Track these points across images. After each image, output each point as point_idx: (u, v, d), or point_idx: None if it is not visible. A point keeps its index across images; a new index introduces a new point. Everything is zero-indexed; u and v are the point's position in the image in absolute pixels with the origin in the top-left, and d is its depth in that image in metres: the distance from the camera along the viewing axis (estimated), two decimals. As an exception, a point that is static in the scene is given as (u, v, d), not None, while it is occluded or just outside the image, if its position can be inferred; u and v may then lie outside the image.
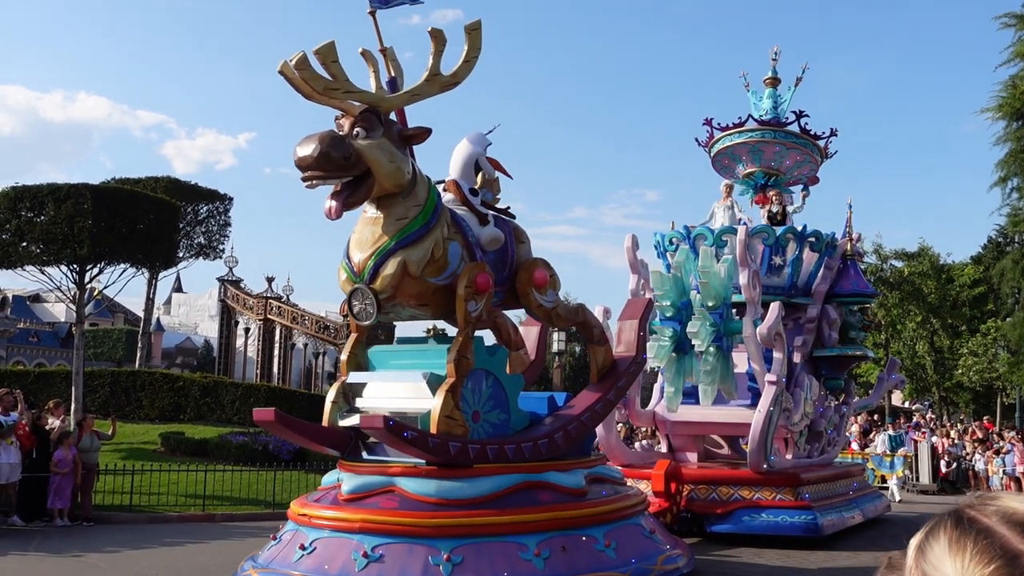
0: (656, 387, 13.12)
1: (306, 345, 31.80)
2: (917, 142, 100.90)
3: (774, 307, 11.63)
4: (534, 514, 7.64)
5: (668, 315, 11.96)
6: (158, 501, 14.73)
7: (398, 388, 8.12)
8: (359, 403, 8.30)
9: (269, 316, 30.49)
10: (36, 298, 56.73)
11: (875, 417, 31.87)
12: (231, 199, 33.10)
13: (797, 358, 13.50)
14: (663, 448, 14.02)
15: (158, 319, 44.92)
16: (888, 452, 19.82)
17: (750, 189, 15.00)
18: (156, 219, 21.62)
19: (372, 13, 8.79)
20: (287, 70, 7.47)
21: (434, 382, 7.73)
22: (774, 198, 14.35)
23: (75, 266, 20.30)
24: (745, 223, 13.38)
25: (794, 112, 14.65)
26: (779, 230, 13.41)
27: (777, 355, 11.80)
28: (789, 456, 12.84)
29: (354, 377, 8.33)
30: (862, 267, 40.81)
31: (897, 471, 19.14)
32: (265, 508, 14.43)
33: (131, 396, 24.32)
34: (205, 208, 32.68)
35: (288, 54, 7.47)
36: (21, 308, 57.43)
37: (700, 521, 11.68)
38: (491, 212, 8.90)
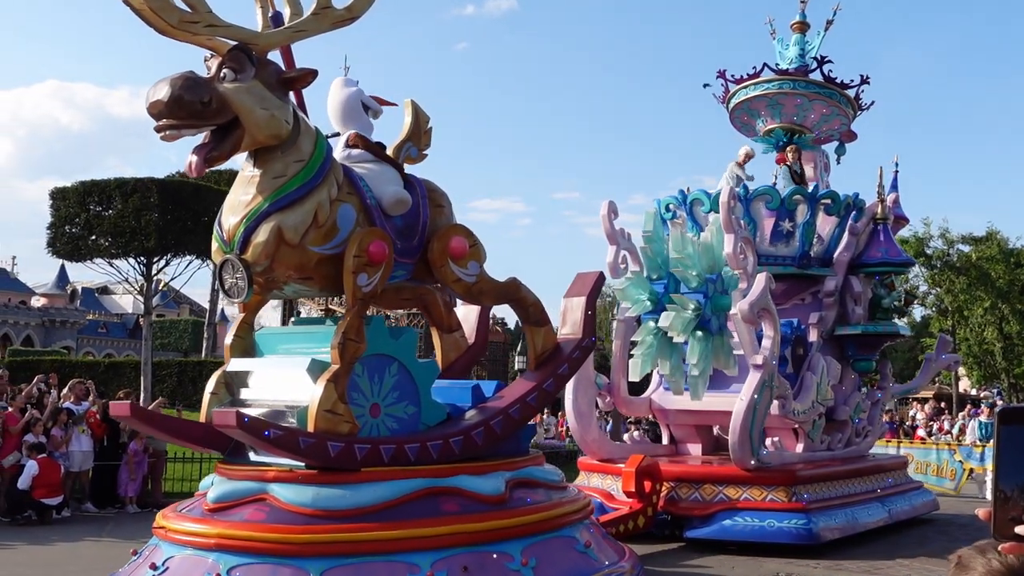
0: (655, 371, 11.69)
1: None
2: (985, 124, 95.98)
3: (760, 279, 10.10)
4: (433, 527, 6.40)
5: (693, 285, 10.57)
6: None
7: (281, 377, 6.94)
8: (245, 394, 7.16)
9: (330, 306, 30.02)
10: (104, 290, 57.89)
11: (942, 405, 29.94)
12: None
13: (813, 336, 11.94)
14: (664, 440, 12.63)
15: (222, 310, 44.97)
16: (979, 442, 17.38)
17: (771, 148, 13.36)
18: (220, 211, 22.05)
19: None
20: (136, 1, 6.34)
21: (317, 370, 6.53)
22: (790, 154, 12.71)
23: (142, 258, 21.49)
24: (746, 185, 11.83)
25: (815, 58, 12.96)
26: (785, 191, 11.81)
27: (768, 334, 10.27)
28: (799, 449, 11.30)
29: (235, 364, 7.18)
30: (928, 250, 38.68)
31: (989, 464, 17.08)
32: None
33: (198, 385, 24.28)
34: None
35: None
36: (90, 300, 58.76)
37: (682, 524, 10.30)
38: (397, 168, 7.62)
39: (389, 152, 8.08)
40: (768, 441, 10.98)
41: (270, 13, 7.30)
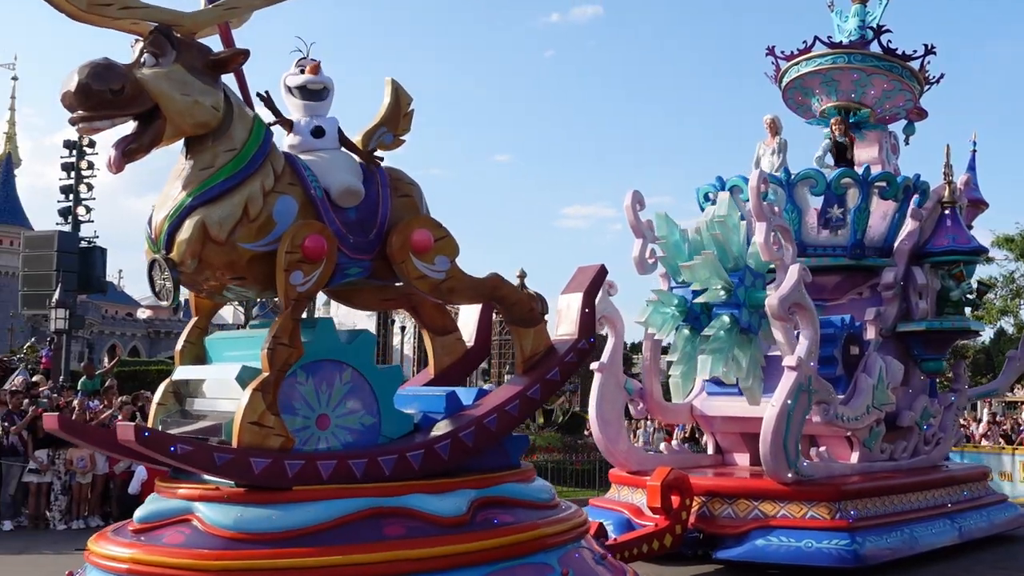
0: (698, 376, 10.70)
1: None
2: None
3: (792, 271, 9.02)
4: (369, 553, 5.69)
5: (722, 298, 9.60)
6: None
7: (218, 387, 6.38)
8: (196, 404, 6.64)
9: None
10: None
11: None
12: None
13: (870, 334, 10.75)
14: (710, 449, 11.62)
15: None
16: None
17: (823, 121, 12.19)
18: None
19: None
20: (43, -17, 5.90)
21: (248, 378, 5.93)
22: (834, 127, 11.51)
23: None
24: (788, 168, 10.74)
25: (872, 28, 11.74)
26: (831, 173, 10.65)
27: (805, 332, 9.18)
28: (854, 459, 10.14)
29: (180, 372, 6.67)
30: (1015, 234, 35.75)
31: None
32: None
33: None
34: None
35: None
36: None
37: (714, 543, 9.31)
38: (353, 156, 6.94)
39: (359, 137, 7.45)
40: (813, 451, 9.90)
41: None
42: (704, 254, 9.49)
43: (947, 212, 11.06)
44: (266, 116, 6.72)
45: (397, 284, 7.17)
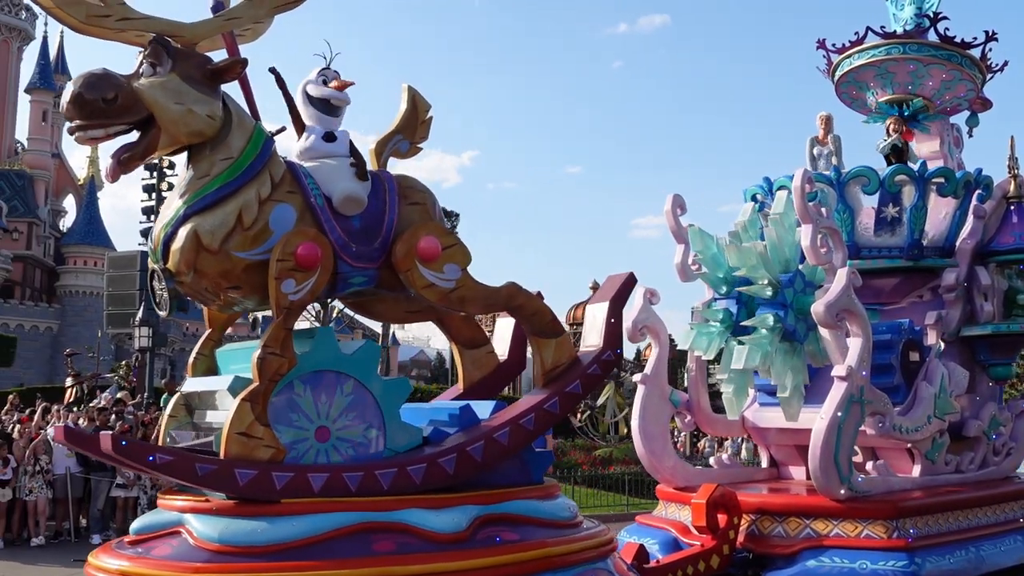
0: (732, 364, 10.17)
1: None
2: None
3: (840, 274, 8.49)
4: (355, 569, 5.49)
5: (768, 296, 9.14)
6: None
7: (216, 398, 6.30)
8: (207, 416, 6.58)
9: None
10: None
11: None
12: (458, 216, 33.46)
13: (931, 339, 10.10)
14: (764, 463, 11.07)
15: (393, 333, 46.13)
16: None
17: (880, 119, 11.59)
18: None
19: None
20: (43, 0, 5.97)
21: (240, 388, 5.82)
22: (891, 126, 10.91)
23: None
24: (838, 168, 10.20)
25: (928, 16, 11.11)
26: (885, 171, 10.06)
27: (855, 340, 8.62)
28: (916, 473, 9.50)
29: (188, 384, 6.64)
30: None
31: None
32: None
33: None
34: (435, 226, 33.33)
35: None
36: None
37: (765, 564, 8.79)
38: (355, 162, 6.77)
39: (374, 145, 7.37)
40: (869, 465, 9.31)
41: (211, 3, 6.79)
42: (754, 243, 9.04)
43: (1013, 208, 10.35)
44: (268, 120, 6.67)
45: (401, 293, 7.00)
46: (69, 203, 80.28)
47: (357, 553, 5.57)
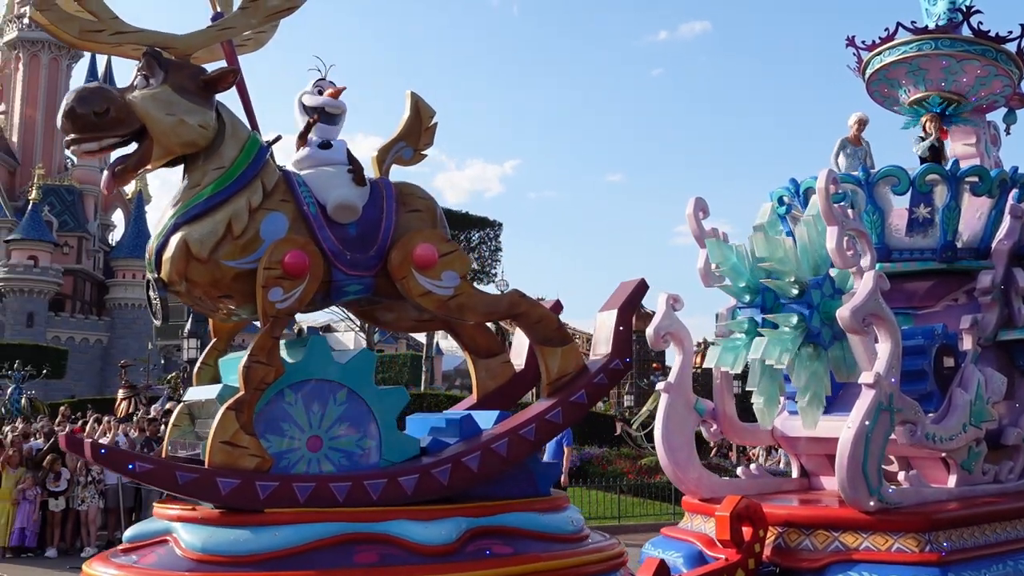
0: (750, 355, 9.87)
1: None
2: None
3: (867, 278, 8.14)
4: (340, 580, 5.41)
5: (793, 294, 8.88)
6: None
7: (212, 407, 6.27)
8: (208, 426, 6.56)
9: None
10: (328, 328, 61.57)
11: None
12: (500, 225, 33.70)
13: (967, 344, 9.67)
14: (795, 472, 10.72)
15: (437, 343, 46.34)
16: None
17: (916, 122, 11.19)
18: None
19: None
20: (37, 16, 6.05)
21: (228, 397, 5.80)
22: (927, 124, 10.51)
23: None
24: (866, 167, 9.86)
25: (960, 11, 10.72)
26: (915, 171, 9.68)
27: (884, 346, 8.27)
28: (951, 483, 9.09)
29: (191, 393, 6.65)
30: None
31: None
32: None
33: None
34: (477, 235, 33.56)
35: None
36: (314, 338, 62.45)
37: (792, 577, 8.48)
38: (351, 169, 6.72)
39: (377, 152, 7.33)
40: (901, 475, 8.93)
41: (211, 14, 6.84)
42: (783, 238, 8.76)
43: (1051, 206, 9.87)
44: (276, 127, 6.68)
45: (397, 301, 6.92)
46: (118, 217, 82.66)
47: (338, 564, 5.48)
